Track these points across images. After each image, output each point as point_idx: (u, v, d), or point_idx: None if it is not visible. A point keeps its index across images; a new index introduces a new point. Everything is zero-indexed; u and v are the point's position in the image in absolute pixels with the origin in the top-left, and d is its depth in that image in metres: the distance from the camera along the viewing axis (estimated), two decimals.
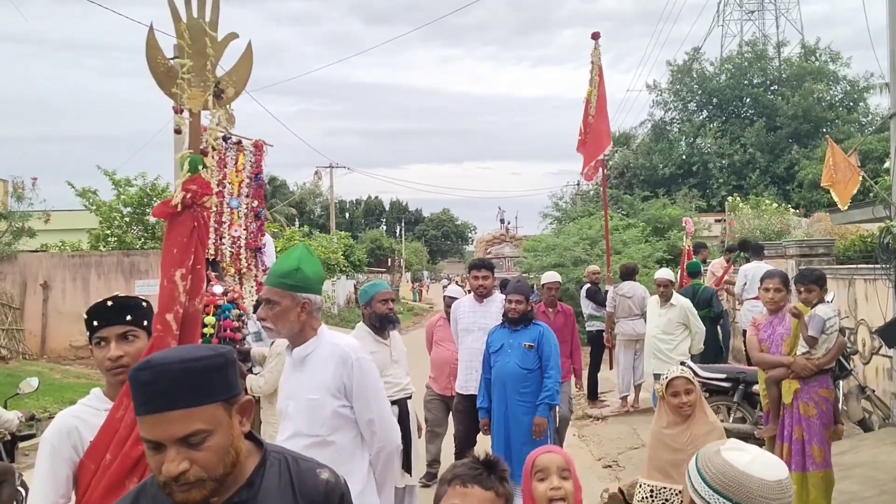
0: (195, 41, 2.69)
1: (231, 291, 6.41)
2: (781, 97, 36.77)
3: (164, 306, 2.42)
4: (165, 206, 2.53)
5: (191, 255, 2.49)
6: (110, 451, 2.33)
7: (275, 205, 47.36)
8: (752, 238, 13.79)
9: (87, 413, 2.47)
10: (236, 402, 1.74)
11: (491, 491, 2.13)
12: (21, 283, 17.69)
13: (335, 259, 22.23)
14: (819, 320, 5.03)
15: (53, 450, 2.40)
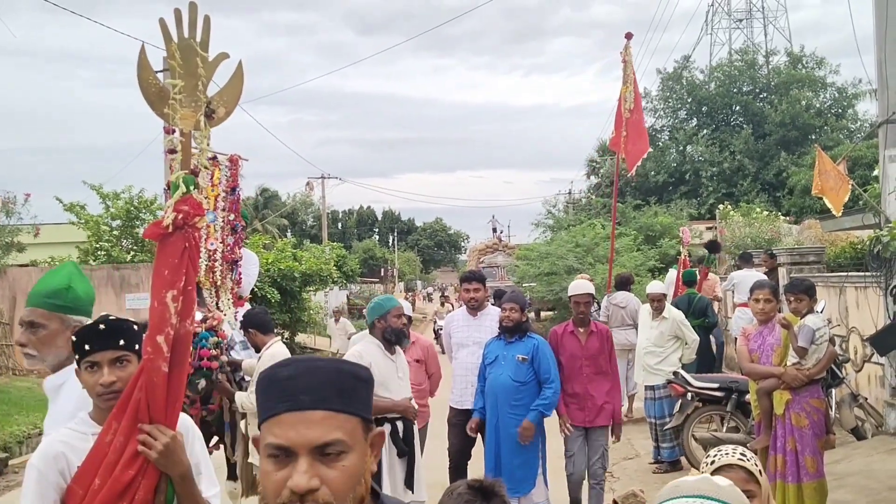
0: (186, 61, 2.67)
1: (210, 318, 6.42)
2: (770, 105, 36.99)
3: (156, 328, 2.39)
4: (157, 227, 2.50)
5: (182, 276, 2.46)
6: (99, 476, 2.30)
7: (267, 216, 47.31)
8: (743, 246, 13.85)
9: (74, 437, 2.44)
10: (371, 429, 1.52)
11: None
12: (10, 298, 17.58)
13: (327, 270, 22.14)
14: (809, 330, 5.05)
15: (40, 475, 2.36)
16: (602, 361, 6.27)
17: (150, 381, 2.34)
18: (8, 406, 13.10)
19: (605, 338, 6.35)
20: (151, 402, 2.34)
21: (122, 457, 2.30)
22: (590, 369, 6.19)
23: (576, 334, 6.28)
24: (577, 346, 6.22)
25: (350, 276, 29.79)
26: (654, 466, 8.14)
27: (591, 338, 6.27)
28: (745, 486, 2.39)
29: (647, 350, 8.37)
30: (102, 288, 17.33)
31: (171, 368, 2.38)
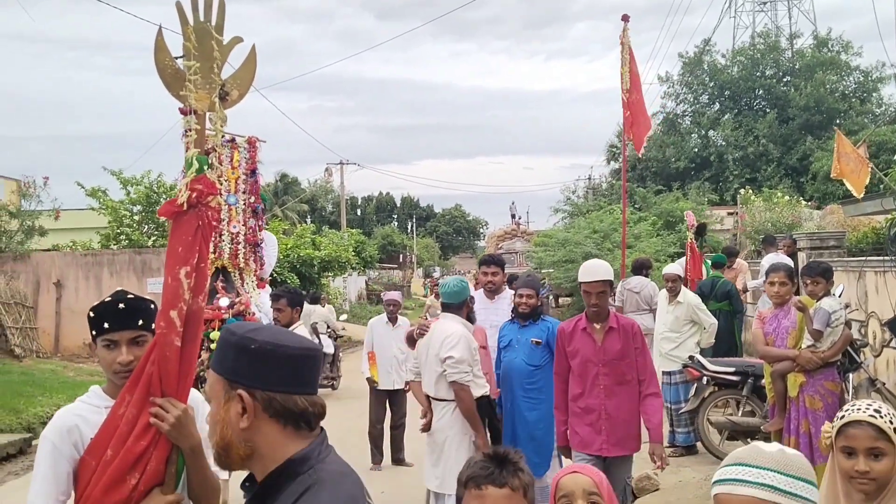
0: (202, 44, 2.71)
1: (237, 303, 6.49)
2: (794, 88, 36.57)
3: (169, 303, 2.43)
4: (171, 206, 2.54)
5: (195, 253, 2.50)
6: (111, 447, 2.35)
7: (286, 202, 47.54)
8: (764, 231, 13.75)
9: (87, 410, 2.50)
10: (234, 390, 1.71)
11: (505, 487, 2.09)
12: (34, 282, 17.86)
13: (346, 256, 22.28)
14: (824, 313, 5.03)
15: (54, 448, 2.42)
16: (626, 367, 4.84)
17: (162, 355, 2.39)
18: (32, 388, 13.33)
19: (631, 335, 4.87)
20: (164, 375, 2.39)
21: (135, 428, 2.35)
22: (608, 378, 4.83)
23: (589, 332, 4.90)
24: (590, 348, 4.89)
25: (369, 263, 29.95)
26: (670, 451, 8.14)
27: (611, 336, 4.86)
28: (874, 444, 2.35)
29: (663, 335, 8.35)
30: (124, 272, 17.56)
31: (184, 343, 2.42)
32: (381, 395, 8.65)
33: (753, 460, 1.72)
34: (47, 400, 12.38)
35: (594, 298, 4.86)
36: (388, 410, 8.68)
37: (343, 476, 1.72)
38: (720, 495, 1.76)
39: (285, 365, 1.71)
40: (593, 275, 4.86)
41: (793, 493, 1.68)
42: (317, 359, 1.78)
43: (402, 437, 8.64)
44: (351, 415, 10.17)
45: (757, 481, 1.69)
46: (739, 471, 1.73)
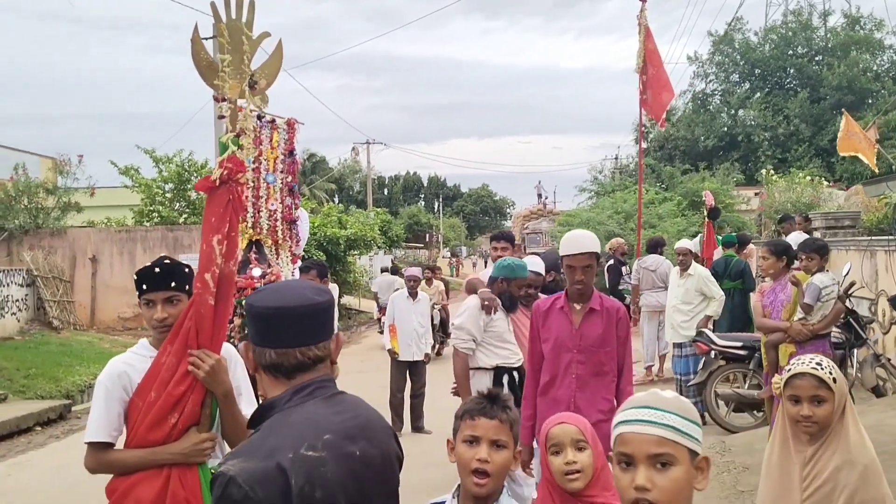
0: (233, 39, 3.08)
1: (269, 274, 6.85)
2: (826, 67, 36.14)
3: (204, 267, 2.81)
4: (206, 182, 2.92)
5: (226, 223, 2.87)
6: (154, 390, 2.74)
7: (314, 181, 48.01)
8: (783, 211, 13.87)
9: (135, 359, 2.87)
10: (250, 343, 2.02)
11: (495, 420, 2.44)
12: (71, 257, 18.47)
13: (371, 235, 22.66)
14: (815, 288, 5.30)
15: (107, 391, 2.79)
16: (605, 357, 4.18)
17: (198, 312, 2.78)
18: (70, 358, 13.93)
19: (616, 320, 4.22)
20: (200, 330, 2.77)
21: (175, 375, 2.74)
22: (583, 367, 4.16)
23: (567, 312, 4.23)
24: (565, 331, 4.20)
25: (395, 242, 30.32)
26: None
27: (591, 319, 4.20)
28: (815, 392, 2.72)
29: (674, 307, 8.67)
30: (157, 248, 18.09)
31: (217, 302, 2.82)
32: (402, 365, 9.03)
33: (657, 403, 1.83)
34: (84, 369, 12.95)
35: (579, 274, 4.14)
36: (409, 380, 9.06)
37: (305, 422, 1.84)
38: (626, 434, 1.83)
39: (258, 322, 1.92)
40: (578, 246, 4.15)
41: (689, 435, 1.81)
42: (287, 316, 1.89)
43: (421, 405, 9.01)
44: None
45: (662, 422, 1.81)
46: (645, 413, 1.83)
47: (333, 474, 1.82)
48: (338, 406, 1.92)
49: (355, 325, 22.07)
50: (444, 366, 9.94)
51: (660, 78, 11.69)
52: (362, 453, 1.90)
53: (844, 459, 2.68)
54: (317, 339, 1.92)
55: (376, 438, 1.95)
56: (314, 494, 1.77)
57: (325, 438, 1.83)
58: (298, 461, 1.77)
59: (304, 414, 1.86)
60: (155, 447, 2.73)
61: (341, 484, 1.83)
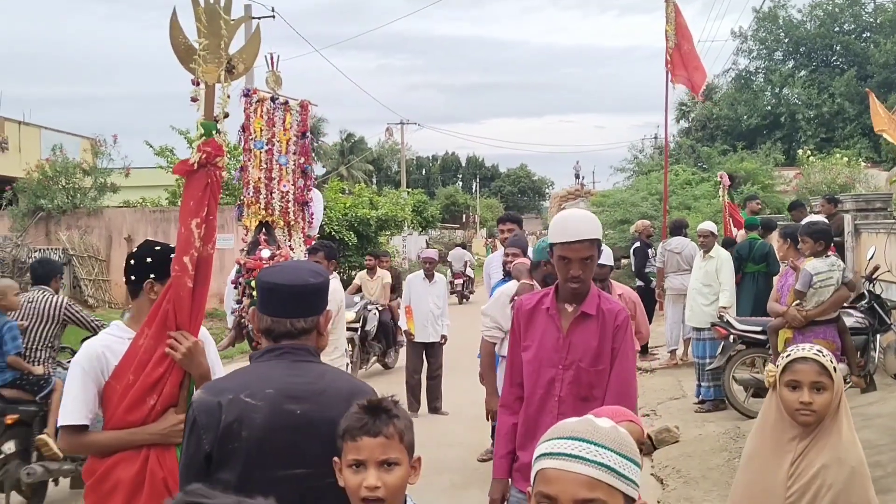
0: (211, 23, 3.10)
1: (278, 255, 6.95)
2: (874, 44, 35.12)
3: (182, 250, 2.82)
4: (184, 165, 2.95)
5: (204, 206, 2.89)
6: (132, 373, 2.74)
7: (352, 161, 48.27)
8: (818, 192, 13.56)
9: (112, 341, 2.86)
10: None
11: (379, 437, 2.04)
12: (107, 237, 18.86)
13: (402, 215, 22.72)
14: (806, 274, 5.20)
15: (84, 372, 2.78)
16: (596, 377, 3.21)
17: (177, 294, 2.79)
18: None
19: (613, 328, 3.22)
20: (178, 312, 2.78)
21: (153, 357, 2.75)
22: (569, 389, 3.22)
23: (553, 315, 3.28)
24: (550, 340, 3.27)
25: (430, 222, 30.34)
26: (697, 406, 8.34)
27: (583, 326, 3.24)
28: (818, 378, 2.58)
29: (696, 289, 8.60)
30: None
31: (195, 285, 2.84)
32: (418, 347, 9.05)
33: (591, 436, 1.55)
34: None
35: (576, 268, 3.15)
36: (425, 362, 9.07)
37: (257, 375, 2.27)
38: (549, 470, 1.55)
39: (262, 293, 2.36)
40: (574, 232, 3.15)
41: (626, 477, 1.54)
42: (283, 292, 2.29)
43: (438, 386, 9.02)
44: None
45: (595, 459, 1.52)
46: (575, 446, 1.54)
47: (263, 421, 2.18)
48: (297, 370, 2.27)
49: None
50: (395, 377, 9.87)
51: (693, 54, 11.54)
52: (303, 413, 2.21)
53: (833, 458, 2.54)
54: (306, 314, 2.31)
55: (328, 406, 2.22)
56: (240, 432, 2.18)
57: (267, 391, 2.21)
58: (234, 403, 2.20)
59: (262, 369, 2.29)
60: (133, 429, 2.75)
61: (271, 431, 2.18)
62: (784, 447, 2.61)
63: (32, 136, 22.67)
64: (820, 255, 5.32)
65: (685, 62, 11.36)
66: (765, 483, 2.64)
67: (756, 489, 2.67)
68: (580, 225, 3.17)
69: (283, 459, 2.20)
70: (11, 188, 18.90)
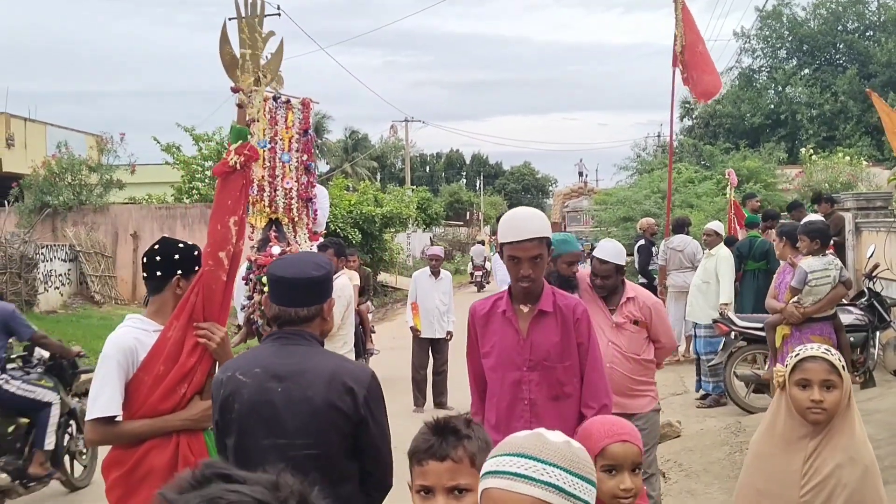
0: (250, 36, 3.35)
1: (287, 251, 7.05)
2: (877, 43, 35.15)
3: (218, 246, 2.99)
4: (224, 166, 3.12)
5: (241, 205, 3.09)
6: (163, 363, 2.87)
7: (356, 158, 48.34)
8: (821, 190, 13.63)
9: (140, 334, 2.94)
10: None
11: (447, 460, 1.89)
12: (113, 233, 18.98)
13: (407, 212, 22.83)
14: (800, 272, 5.33)
15: (118, 365, 2.85)
16: (564, 374, 3.22)
17: (209, 287, 2.94)
18: (111, 332, 14.32)
19: (573, 322, 3.24)
20: (208, 305, 2.94)
21: (184, 348, 2.89)
22: (538, 389, 3.22)
23: (510, 318, 3.28)
24: (510, 343, 3.27)
25: (434, 219, 30.46)
26: (698, 401, 8.45)
27: (542, 324, 3.24)
28: (828, 376, 2.57)
29: (696, 286, 8.73)
30: (196, 225, 18.48)
31: (227, 279, 3.01)
32: (424, 342, 9.16)
33: (539, 453, 1.46)
34: None
35: (525, 267, 3.16)
36: (431, 357, 9.18)
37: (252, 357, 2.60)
38: (493, 490, 1.45)
39: (271, 284, 2.68)
40: (521, 230, 3.17)
41: (576, 496, 1.44)
42: (287, 283, 2.56)
43: (444, 382, 9.13)
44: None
45: (542, 479, 1.43)
46: (522, 463, 1.45)
47: (249, 396, 2.49)
48: (284, 353, 2.53)
49: (391, 303, 22.30)
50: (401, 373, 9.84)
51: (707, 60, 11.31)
52: (284, 391, 2.47)
53: (847, 457, 2.53)
54: (308, 303, 2.55)
55: (307, 384, 2.46)
56: (233, 405, 2.50)
57: (254, 370, 2.52)
58: (230, 379, 2.54)
59: (257, 351, 2.64)
60: (165, 416, 2.86)
61: (255, 405, 2.48)
62: (795, 446, 2.60)
63: (38, 133, 22.80)
64: (817, 254, 5.43)
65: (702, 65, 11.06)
66: (777, 482, 2.62)
67: (768, 488, 2.65)
68: (527, 223, 3.20)
69: (267, 430, 2.46)
70: (18, 185, 19.03)
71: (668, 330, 4.47)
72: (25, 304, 13.81)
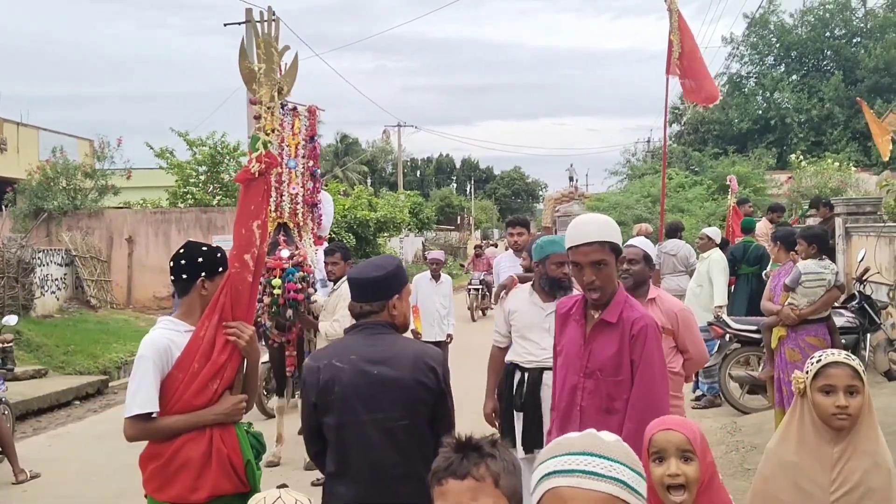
0: (267, 52, 3.55)
1: (296, 255, 7.17)
2: (864, 49, 35.59)
3: (243, 248, 3.16)
4: (246, 174, 3.30)
5: (263, 210, 3.27)
6: (197, 361, 3.02)
7: (346, 163, 48.43)
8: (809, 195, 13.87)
9: (173, 335, 3.08)
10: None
11: (468, 478, 1.74)
12: (108, 238, 19.03)
13: (401, 217, 22.97)
14: (795, 272, 5.53)
15: (154, 364, 2.98)
16: (616, 388, 3.14)
17: (235, 289, 3.12)
18: (107, 335, 14.43)
19: (629, 337, 3.13)
20: (235, 304, 3.11)
21: (215, 346, 3.05)
22: (590, 399, 3.20)
23: (578, 321, 3.28)
24: (575, 345, 3.27)
25: (426, 224, 30.61)
26: (693, 403, 8.63)
27: (603, 334, 3.19)
28: (851, 382, 2.55)
29: (691, 290, 8.90)
30: (191, 229, 18.55)
31: (253, 280, 3.18)
32: None
33: (602, 450, 1.50)
34: (121, 347, 13.43)
35: (588, 273, 3.11)
36: None
37: (344, 345, 3.01)
38: (562, 489, 1.47)
39: (349, 284, 3.14)
40: (580, 235, 3.14)
41: (638, 492, 1.49)
42: (355, 283, 3.02)
43: None
44: None
45: (610, 475, 1.46)
46: (588, 461, 1.47)
47: (348, 379, 2.88)
48: (373, 340, 2.94)
49: None
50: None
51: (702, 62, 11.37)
52: (379, 373, 2.87)
53: (873, 462, 2.51)
54: (369, 299, 2.98)
55: (397, 366, 2.88)
56: (333, 388, 2.89)
57: (350, 357, 2.92)
58: (328, 366, 2.93)
59: (347, 341, 3.05)
60: (199, 411, 3.01)
61: (354, 387, 2.87)
62: (821, 453, 2.55)
63: (31, 137, 22.83)
64: (814, 258, 5.62)
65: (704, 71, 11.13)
66: (804, 492, 2.57)
67: (794, 498, 2.58)
68: (587, 227, 3.16)
69: (366, 407, 2.87)
70: (13, 189, 19.06)
71: (697, 340, 4.18)
72: (22, 309, 13.85)
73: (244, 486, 3.06)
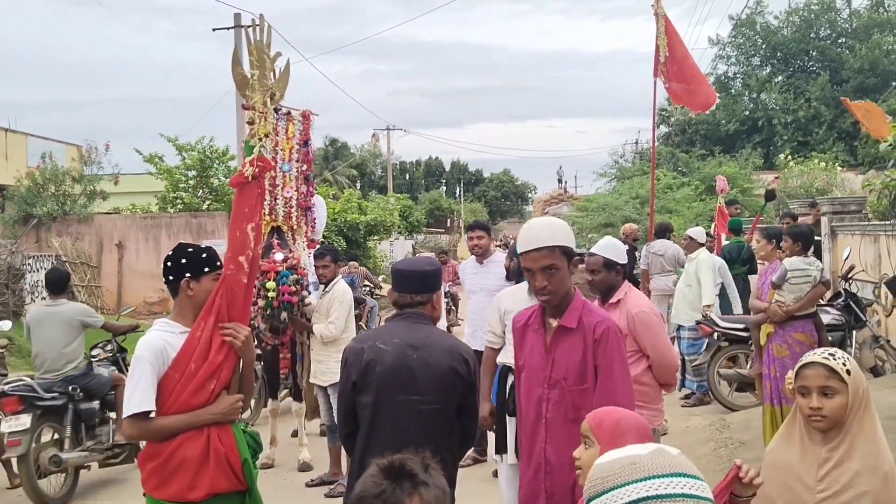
0: (260, 58, 3.60)
1: (290, 258, 7.21)
2: (849, 50, 35.90)
3: (238, 251, 3.21)
4: (240, 178, 3.36)
5: (257, 213, 3.31)
6: (194, 361, 3.07)
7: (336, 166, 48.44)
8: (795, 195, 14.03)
9: (168, 336, 3.14)
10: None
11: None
12: (98, 243, 19.02)
13: (391, 220, 23.03)
14: (782, 269, 5.63)
15: (151, 365, 3.04)
16: (580, 397, 3.03)
17: (231, 290, 3.17)
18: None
19: (595, 341, 3.05)
20: (231, 306, 3.16)
21: (212, 347, 3.10)
22: (555, 409, 3.09)
23: (536, 329, 3.21)
24: (537, 355, 3.18)
25: (415, 227, 30.67)
26: (682, 400, 8.73)
27: (564, 341, 3.10)
28: (825, 383, 2.46)
29: (680, 290, 9.01)
30: (181, 234, 18.55)
31: (248, 281, 3.23)
32: None
33: (691, 469, 1.58)
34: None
35: (539, 278, 3.06)
36: None
37: (388, 330, 3.32)
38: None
39: (394, 276, 3.38)
40: (530, 240, 3.10)
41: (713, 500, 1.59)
42: (403, 275, 3.31)
43: None
44: None
45: (703, 496, 1.53)
46: (683, 483, 1.54)
47: (391, 360, 3.13)
48: (414, 328, 3.20)
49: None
50: None
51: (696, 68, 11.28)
52: (419, 357, 3.13)
53: (867, 464, 2.41)
54: (419, 291, 3.25)
55: (435, 353, 3.14)
56: (375, 368, 3.13)
57: (394, 341, 3.17)
58: (372, 348, 3.18)
59: (391, 326, 3.35)
60: (197, 410, 3.06)
61: (395, 368, 3.12)
62: (810, 453, 2.51)
63: (19, 144, 22.77)
64: (799, 255, 5.72)
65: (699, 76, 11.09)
66: (791, 491, 2.52)
67: (784, 495, 2.53)
68: (537, 232, 3.11)
69: (404, 388, 3.10)
70: (2, 195, 19.02)
71: (657, 343, 3.96)
72: (13, 315, 13.81)
73: (241, 484, 3.12)
